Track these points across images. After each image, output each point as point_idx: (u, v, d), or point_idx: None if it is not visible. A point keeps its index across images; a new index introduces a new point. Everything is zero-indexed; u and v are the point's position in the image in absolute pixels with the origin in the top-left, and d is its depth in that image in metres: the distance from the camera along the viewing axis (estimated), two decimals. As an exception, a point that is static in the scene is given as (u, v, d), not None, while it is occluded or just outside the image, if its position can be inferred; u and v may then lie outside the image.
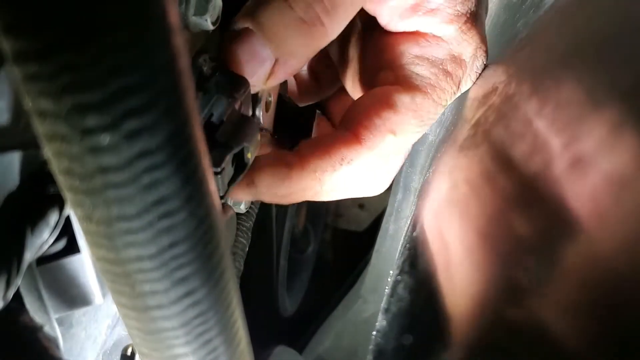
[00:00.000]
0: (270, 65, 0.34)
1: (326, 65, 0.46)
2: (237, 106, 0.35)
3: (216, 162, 0.32)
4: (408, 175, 0.59)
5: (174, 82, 0.19)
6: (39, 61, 0.17)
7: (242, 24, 0.34)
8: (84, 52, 0.17)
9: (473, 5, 0.36)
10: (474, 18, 0.37)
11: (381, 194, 0.45)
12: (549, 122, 0.26)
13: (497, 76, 0.35)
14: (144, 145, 0.19)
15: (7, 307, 0.25)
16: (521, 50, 0.35)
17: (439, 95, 0.38)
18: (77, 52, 0.17)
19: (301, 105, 0.49)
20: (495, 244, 0.26)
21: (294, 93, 0.49)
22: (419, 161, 0.55)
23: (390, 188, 0.71)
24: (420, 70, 0.38)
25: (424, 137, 0.52)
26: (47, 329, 0.30)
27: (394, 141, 0.38)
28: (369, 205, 1.18)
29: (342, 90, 0.45)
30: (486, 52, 0.38)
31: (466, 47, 0.37)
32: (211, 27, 0.35)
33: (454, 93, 0.38)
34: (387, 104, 0.37)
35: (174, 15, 0.19)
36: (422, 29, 0.37)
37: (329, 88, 0.48)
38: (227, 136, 0.33)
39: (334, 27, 0.34)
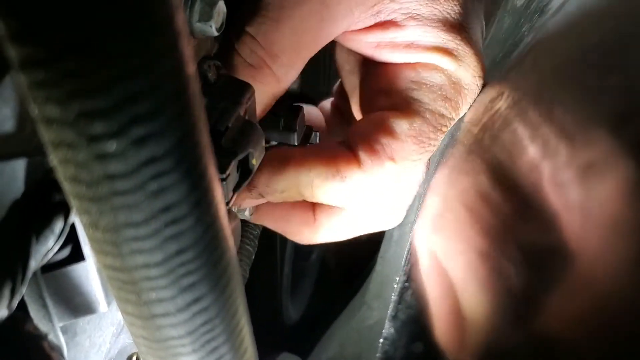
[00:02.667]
0: None
1: (347, 99, 0.46)
2: (241, 112, 0.35)
3: (222, 168, 0.32)
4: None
5: (181, 88, 0.19)
6: (46, 68, 0.17)
7: None
8: (91, 59, 0.17)
9: (463, 31, 0.36)
10: (468, 44, 0.37)
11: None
12: (558, 128, 0.26)
13: (504, 80, 0.35)
14: (151, 152, 0.18)
15: (12, 316, 0.25)
16: (527, 55, 0.35)
17: (438, 121, 0.37)
18: (84, 59, 0.17)
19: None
20: (503, 254, 0.26)
21: (324, 130, 0.49)
22: (424, 167, 0.55)
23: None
24: (418, 95, 0.37)
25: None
26: (51, 337, 0.30)
27: (393, 168, 0.38)
28: (372, 211, 1.17)
29: None
30: (483, 77, 0.38)
31: (463, 73, 0.37)
32: (216, 33, 0.35)
33: (453, 119, 0.38)
34: (386, 130, 0.37)
35: (180, 21, 0.19)
36: (412, 61, 0.37)
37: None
38: (232, 142, 0.33)
39: (281, 72, 0.35)
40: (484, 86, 0.39)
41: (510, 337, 0.24)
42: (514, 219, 0.26)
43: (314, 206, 0.42)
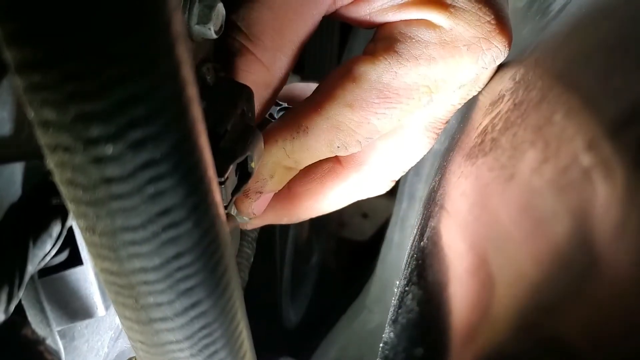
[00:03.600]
0: None
1: None
2: (240, 115, 0.35)
3: (220, 171, 0.31)
4: (413, 184, 0.59)
5: (178, 91, 0.19)
6: (43, 70, 0.17)
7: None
8: (88, 62, 0.17)
9: None
10: (474, 2, 0.33)
11: (385, 203, 0.44)
12: (560, 130, 0.25)
13: (504, 83, 0.35)
14: (148, 155, 0.18)
15: (9, 320, 0.25)
16: (528, 58, 0.35)
17: (414, 81, 0.35)
18: (81, 61, 0.17)
19: None
20: (510, 257, 0.26)
21: None
22: (424, 170, 0.55)
23: (394, 197, 0.70)
24: (398, 47, 0.35)
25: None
26: (49, 341, 0.30)
27: (350, 115, 0.36)
28: (372, 214, 1.18)
29: None
30: (502, 48, 0.35)
31: (462, 31, 0.34)
32: (214, 36, 0.34)
33: (443, 81, 0.35)
34: (350, 75, 0.35)
35: (178, 24, 0.19)
36: (405, 18, 0.35)
37: None
38: (230, 145, 0.33)
39: (267, 57, 0.34)
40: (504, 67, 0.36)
41: (520, 341, 0.24)
42: (529, 213, 0.25)
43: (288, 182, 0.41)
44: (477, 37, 0.34)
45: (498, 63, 0.36)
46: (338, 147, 0.37)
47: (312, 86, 0.46)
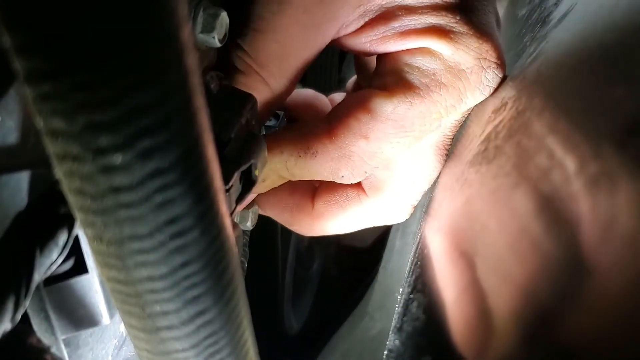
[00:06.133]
0: None
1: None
2: (244, 122, 0.35)
3: (225, 179, 0.31)
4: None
5: (187, 100, 0.19)
6: (52, 80, 0.17)
7: None
8: (98, 71, 0.17)
9: (460, 12, 0.35)
10: (466, 24, 0.35)
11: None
12: (564, 138, 0.25)
13: (506, 91, 0.35)
14: (156, 164, 0.18)
15: (15, 329, 0.25)
16: (530, 65, 0.35)
17: (428, 108, 0.36)
18: (91, 71, 0.17)
19: None
20: (518, 263, 0.26)
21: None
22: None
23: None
24: (409, 78, 0.36)
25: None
26: (54, 350, 0.30)
27: (364, 146, 0.37)
28: (373, 220, 1.17)
29: None
30: (499, 63, 0.36)
31: (463, 56, 0.35)
32: (218, 45, 0.35)
33: (452, 106, 0.36)
34: (366, 107, 0.36)
35: (187, 33, 0.19)
36: (407, 47, 0.36)
37: None
38: (235, 153, 0.33)
39: (273, 80, 0.35)
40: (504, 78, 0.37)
41: (530, 351, 0.24)
42: (535, 219, 0.25)
43: (312, 194, 0.42)
44: (477, 58, 0.35)
45: (499, 78, 0.37)
46: (343, 176, 0.38)
47: (309, 94, 0.46)
